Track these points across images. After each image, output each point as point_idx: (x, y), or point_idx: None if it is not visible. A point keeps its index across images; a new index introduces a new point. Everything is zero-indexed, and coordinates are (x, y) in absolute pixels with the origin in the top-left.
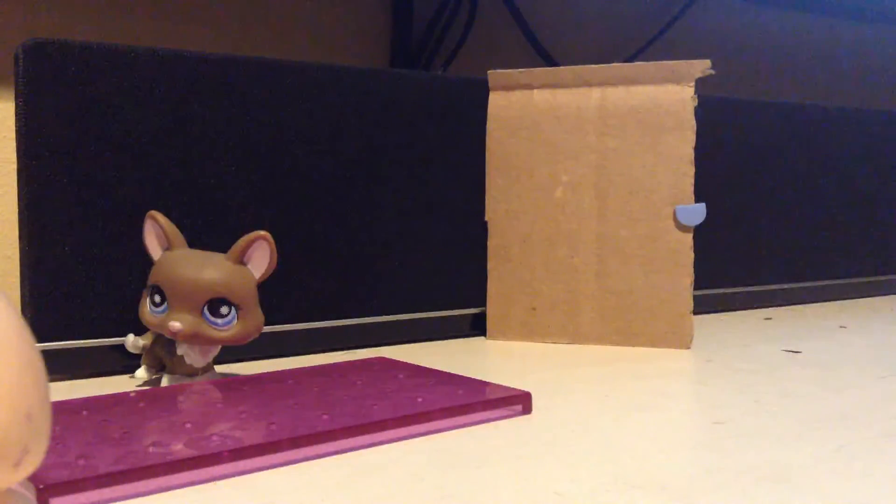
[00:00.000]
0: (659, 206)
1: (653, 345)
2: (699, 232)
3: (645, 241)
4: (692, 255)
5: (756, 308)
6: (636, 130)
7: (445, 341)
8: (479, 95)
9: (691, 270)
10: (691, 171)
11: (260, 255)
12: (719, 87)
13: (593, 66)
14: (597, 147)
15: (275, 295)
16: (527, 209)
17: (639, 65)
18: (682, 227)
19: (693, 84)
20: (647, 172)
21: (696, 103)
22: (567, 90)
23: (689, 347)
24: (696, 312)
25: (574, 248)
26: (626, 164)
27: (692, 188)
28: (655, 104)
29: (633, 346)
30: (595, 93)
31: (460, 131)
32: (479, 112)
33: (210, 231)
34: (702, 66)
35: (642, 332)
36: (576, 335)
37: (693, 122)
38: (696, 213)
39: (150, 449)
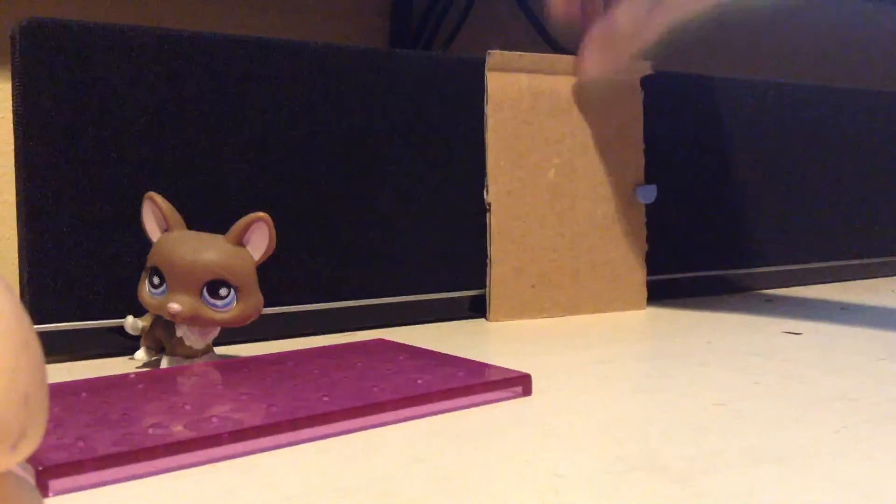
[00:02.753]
0: (623, 187)
1: (619, 309)
2: (700, 212)
3: (613, 218)
4: (645, 229)
5: (756, 290)
6: (605, 118)
7: (445, 323)
8: (479, 76)
9: (645, 243)
10: (642, 154)
11: (259, 237)
12: (718, 68)
13: (573, 56)
14: (579, 131)
15: (274, 276)
16: (525, 190)
17: None
18: (638, 205)
19: (638, 81)
20: (614, 156)
21: (642, 96)
22: (558, 77)
23: (644, 308)
24: (696, 295)
25: (565, 226)
26: (600, 148)
27: (643, 169)
28: (616, 95)
29: (605, 311)
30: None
31: (461, 112)
32: (479, 92)
33: (209, 212)
34: (644, 67)
35: (613, 299)
36: (567, 307)
37: (641, 112)
38: (651, 192)
39: (150, 431)
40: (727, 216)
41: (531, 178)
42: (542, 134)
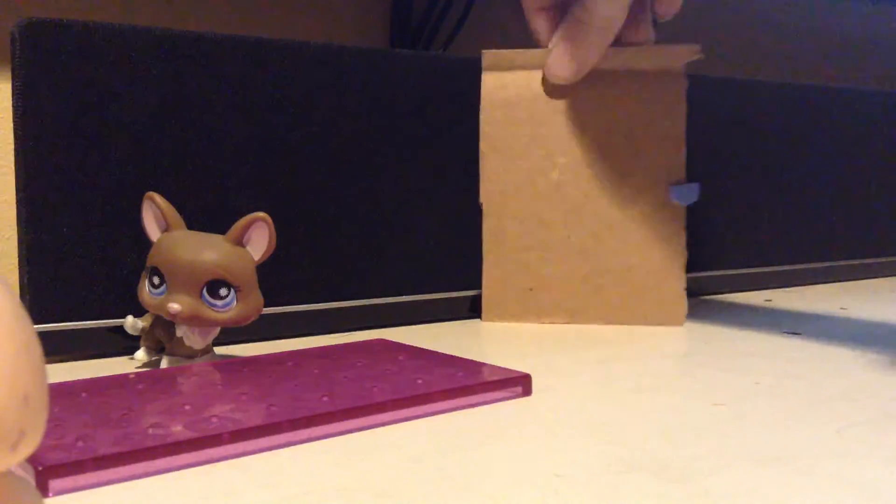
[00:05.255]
0: (652, 187)
1: (648, 322)
2: (700, 212)
3: (640, 221)
4: (685, 234)
5: (756, 290)
6: (628, 113)
7: (445, 323)
8: (479, 76)
9: (684, 249)
10: (683, 150)
11: (259, 237)
12: (717, 65)
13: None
14: (592, 129)
15: (274, 276)
16: (522, 191)
17: (630, 49)
18: (674, 207)
19: (683, 68)
20: (640, 154)
21: (686, 85)
22: None
23: (682, 324)
24: (694, 294)
25: (571, 228)
26: (620, 146)
27: (684, 168)
28: (646, 87)
29: (629, 323)
30: (589, 75)
31: (461, 112)
32: (478, 93)
33: (208, 212)
34: (690, 52)
35: (638, 310)
36: (573, 314)
37: (684, 104)
38: (691, 191)
39: (150, 431)
40: (727, 216)
41: (529, 178)
42: (542, 133)
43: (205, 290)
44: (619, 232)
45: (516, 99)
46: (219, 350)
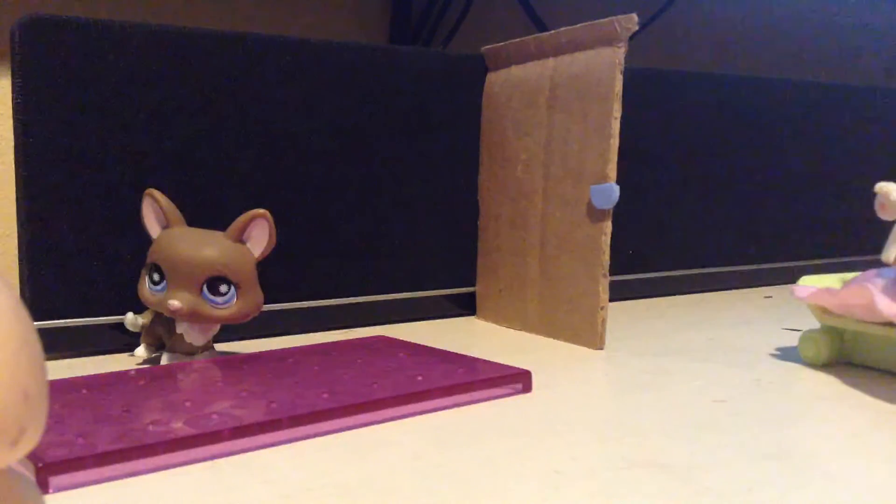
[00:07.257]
0: (584, 186)
1: (571, 341)
2: (703, 209)
3: (572, 225)
4: (605, 242)
5: (756, 286)
6: (575, 102)
7: (445, 320)
8: (479, 72)
9: (604, 260)
10: (613, 146)
11: (259, 234)
12: (721, 63)
13: (547, 33)
14: (546, 122)
15: (274, 273)
16: (498, 188)
17: (577, 28)
18: (597, 212)
19: (623, 45)
20: (579, 148)
21: (622, 67)
22: (533, 62)
23: (600, 348)
24: (698, 291)
25: (526, 229)
26: (565, 140)
27: (610, 166)
28: (589, 70)
29: (559, 339)
30: (549, 63)
31: (460, 108)
32: (478, 89)
33: (209, 209)
34: (628, 23)
35: (566, 325)
36: (524, 322)
37: (618, 90)
38: (608, 194)
39: (150, 427)
40: (727, 212)
41: (503, 175)
42: (513, 127)
43: (205, 287)
44: (558, 236)
45: (500, 93)
46: (219, 347)
